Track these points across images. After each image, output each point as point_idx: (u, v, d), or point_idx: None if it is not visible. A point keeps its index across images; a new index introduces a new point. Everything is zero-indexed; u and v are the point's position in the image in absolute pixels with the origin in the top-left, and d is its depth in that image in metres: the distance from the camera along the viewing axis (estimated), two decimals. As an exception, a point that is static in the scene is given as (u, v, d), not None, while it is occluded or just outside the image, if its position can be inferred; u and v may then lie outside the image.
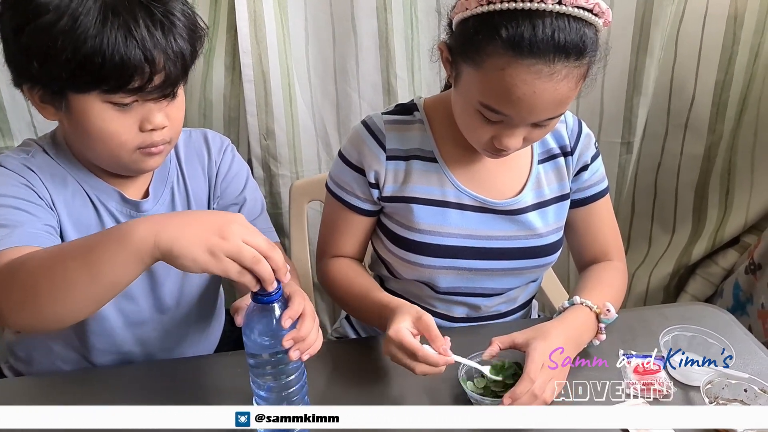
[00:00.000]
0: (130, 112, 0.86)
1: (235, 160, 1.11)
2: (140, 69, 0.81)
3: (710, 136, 1.73)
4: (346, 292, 1.07)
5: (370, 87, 1.63)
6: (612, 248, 1.13)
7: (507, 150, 0.93)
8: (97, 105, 0.84)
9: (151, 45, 0.81)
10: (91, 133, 0.87)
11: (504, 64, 0.84)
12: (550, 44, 0.81)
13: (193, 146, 1.08)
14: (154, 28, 0.81)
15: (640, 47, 1.59)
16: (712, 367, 0.93)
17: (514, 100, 0.85)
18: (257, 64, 1.50)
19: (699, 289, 1.89)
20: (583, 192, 1.10)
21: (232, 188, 1.09)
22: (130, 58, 0.80)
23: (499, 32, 0.83)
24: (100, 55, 0.78)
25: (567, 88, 0.85)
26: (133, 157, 0.90)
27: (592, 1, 0.82)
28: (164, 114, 0.89)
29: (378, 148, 1.04)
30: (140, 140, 0.89)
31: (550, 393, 0.87)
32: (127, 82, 0.82)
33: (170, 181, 1.04)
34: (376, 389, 0.95)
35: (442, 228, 1.03)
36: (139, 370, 1.05)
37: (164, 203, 1.03)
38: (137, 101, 0.86)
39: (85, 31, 0.78)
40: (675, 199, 1.87)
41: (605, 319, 0.97)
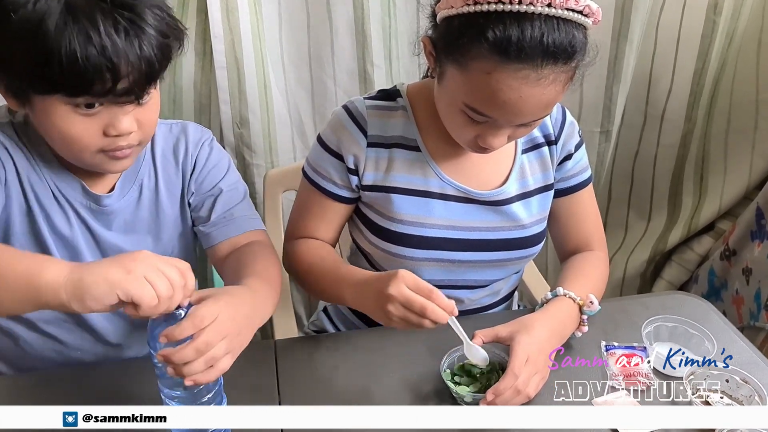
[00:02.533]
0: (95, 116, 0.83)
1: (213, 153, 1.06)
2: (101, 75, 0.78)
3: (687, 125, 1.74)
4: (316, 269, 1.01)
5: (346, 75, 1.59)
6: (594, 238, 1.12)
7: (491, 148, 0.92)
8: (60, 107, 0.82)
9: (112, 51, 0.77)
10: (52, 134, 0.85)
11: (490, 68, 0.81)
12: (538, 49, 0.79)
13: (172, 140, 1.04)
14: (116, 35, 0.78)
15: (621, 35, 1.58)
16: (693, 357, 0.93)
17: (499, 104, 0.83)
18: (230, 49, 1.45)
19: (675, 275, 1.91)
20: (566, 181, 1.09)
21: (207, 181, 1.05)
22: (90, 63, 0.77)
23: (485, 35, 0.80)
24: (59, 59, 0.76)
25: (554, 91, 0.83)
26: (96, 159, 0.87)
27: (582, 2, 0.80)
28: (132, 118, 0.86)
29: (359, 133, 1.01)
30: (104, 143, 0.86)
31: (533, 388, 0.86)
32: (88, 87, 0.79)
33: (140, 177, 1.00)
34: (353, 385, 0.94)
35: (424, 219, 1.01)
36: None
37: (130, 200, 0.99)
38: (102, 105, 0.83)
39: (46, 35, 0.75)
40: (651, 187, 1.88)
41: (588, 311, 0.97)
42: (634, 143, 1.82)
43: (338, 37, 1.54)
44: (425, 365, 0.95)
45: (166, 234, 1.03)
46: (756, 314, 1.59)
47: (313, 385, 0.95)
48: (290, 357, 1.00)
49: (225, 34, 1.44)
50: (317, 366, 0.98)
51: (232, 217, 1.04)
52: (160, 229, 1.03)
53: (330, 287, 0.99)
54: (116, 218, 0.99)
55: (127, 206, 0.99)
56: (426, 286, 0.81)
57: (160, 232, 1.03)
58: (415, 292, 0.81)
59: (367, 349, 1.01)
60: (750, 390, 0.86)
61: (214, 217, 1.03)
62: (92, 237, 0.98)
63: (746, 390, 0.87)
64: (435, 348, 0.95)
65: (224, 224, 1.03)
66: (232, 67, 1.47)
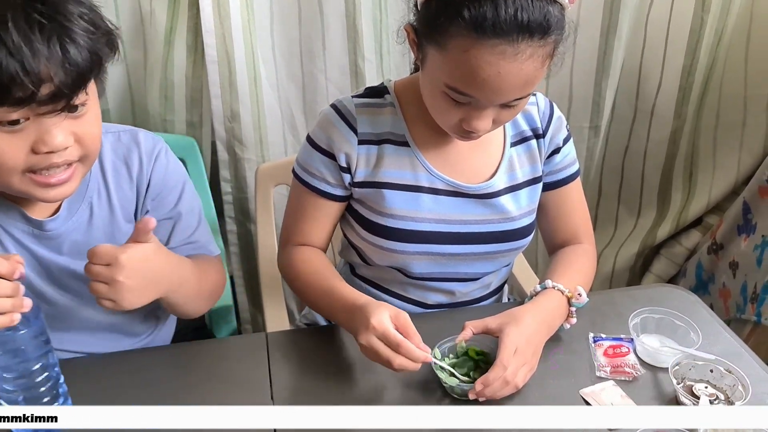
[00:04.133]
0: (22, 132, 0.76)
1: (170, 166, 1.01)
2: (18, 81, 0.71)
3: (676, 121, 1.76)
4: (310, 285, 1.04)
5: (337, 69, 1.59)
6: (582, 231, 1.13)
7: (476, 132, 0.92)
8: None
9: (29, 54, 0.71)
10: None
11: (467, 46, 0.82)
12: (513, 24, 0.80)
13: (122, 150, 0.97)
14: (31, 33, 0.71)
15: (609, 30, 1.59)
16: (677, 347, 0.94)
17: (479, 82, 0.84)
18: (221, 44, 1.45)
19: (663, 269, 1.93)
20: (555, 175, 1.10)
21: (165, 202, 1.00)
22: (3, 68, 0.70)
23: (461, 13, 0.81)
24: None
25: (532, 67, 0.84)
26: (24, 184, 0.80)
27: None
28: (67, 132, 0.78)
29: (349, 131, 1.01)
30: (34, 161, 0.78)
31: (521, 379, 0.87)
32: (5, 96, 0.72)
33: (89, 195, 0.95)
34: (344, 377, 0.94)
35: (414, 213, 1.02)
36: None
37: (80, 221, 0.94)
38: (28, 118, 0.75)
39: None
40: (641, 182, 1.90)
41: (576, 303, 0.98)
42: (624, 138, 1.83)
43: (329, 32, 1.55)
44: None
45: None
46: (742, 307, 1.61)
47: (305, 377, 0.96)
48: (282, 350, 1.01)
49: (216, 29, 1.44)
50: (309, 358, 0.99)
51: (191, 246, 1.02)
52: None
53: (324, 310, 1.04)
54: (65, 242, 0.93)
55: (76, 228, 0.94)
56: (394, 340, 0.84)
57: None
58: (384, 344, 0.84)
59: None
60: (734, 380, 0.88)
61: (172, 244, 1.01)
62: (38, 263, 0.93)
63: (730, 380, 0.88)
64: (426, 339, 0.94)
65: (181, 253, 1.00)
66: (223, 61, 1.47)
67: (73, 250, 0.94)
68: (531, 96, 1.06)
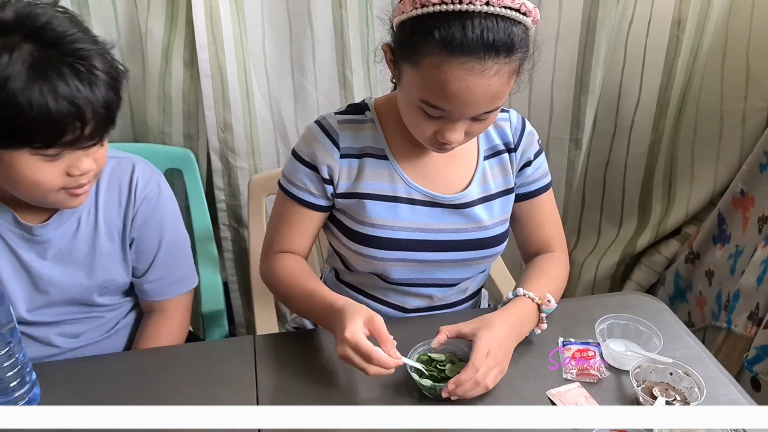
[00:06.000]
0: (59, 161, 0.89)
1: (160, 203, 1.10)
2: (71, 125, 0.84)
3: (654, 134, 1.82)
4: (292, 290, 1.08)
5: (327, 80, 1.66)
6: (554, 240, 1.18)
7: (450, 144, 0.97)
8: (25, 158, 0.86)
9: (80, 100, 0.83)
10: (18, 182, 0.89)
11: (438, 63, 0.88)
12: (479, 43, 0.86)
13: (118, 176, 1.07)
14: (80, 84, 0.83)
15: (587, 48, 1.66)
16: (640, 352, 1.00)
17: (450, 96, 0.90)
18: (213, 58, 1.51)
19: (644, 277, 1.99)
20: (527, 187, 1.15)
21: (150, 235, 1.10)
22: (61, 115, 0.83)
23: (432, 33, 0.87)
24: (30, 116, 0.81)
25: (499, 83, 0.90)
26: (57, 197, 0.93)
27: (519, 1, 0.87)
28: (92, 158, 0.92)
29: (332, 146, 1.07)
30: (66, 182, 0.91)
31: (491, 380, 0.92)
32: (59, 138, 0.85)
33: (80, 211, 1.04)
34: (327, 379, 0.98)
35: (393, 222, 1.07)
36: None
37: (67, 232, 1.04)
38: (66, 150, 0.88)
39: (14, 94, 0.80)
40: (622, 194, 1.95)
41: (546, 309, 1.03)
42: (605, 152, 1.89)
43: (319, 46, 1.61)
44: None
45: (99, 269, 1.07)
46: (717, 314, 1.66)
47: (290, 379, 0.99)
48: (269, 352, 1.05)
49: (209, 44, 1.49)
50: (294, 361, 1.03)
51: (166, 282, 1.14)
52: (94, 265, 1.06)
53: (305, 314, 1.12)
54: (50, 248, 1.02)
55: (61, 237, 1.03)
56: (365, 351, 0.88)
57: (93, 268, 1.06)
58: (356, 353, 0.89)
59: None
60: (691, 382, 0.93)
61: (151, 276, 1.13)
62: (20, 264, 1.02)
63: (687, 382, 0.93)
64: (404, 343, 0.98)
65: (157, 288, 1.14)
66: (216, 74, 1.53)
67: (56, 257, 1.03)
68: (504, 112, 1.12)
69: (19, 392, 0.87)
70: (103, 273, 1.07)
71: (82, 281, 1.06)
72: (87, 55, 0.85)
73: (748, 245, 1.57)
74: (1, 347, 0.83)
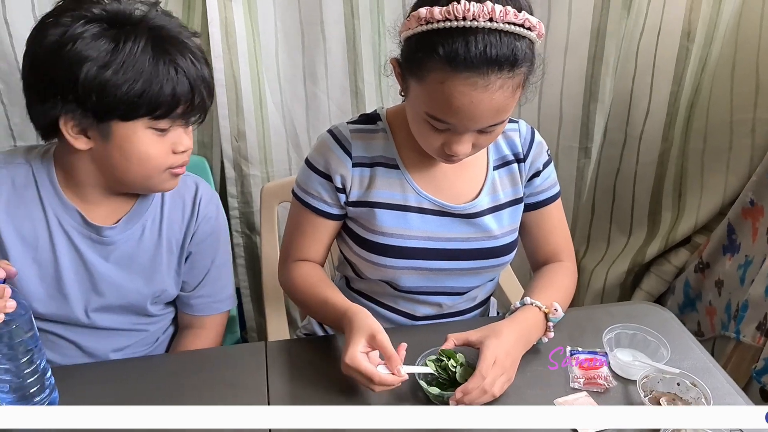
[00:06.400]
0: (166, 137, 0.98)
1: (217, 224, 1.17)
2: (185, 97, 0.95)
3: (663, 144, 1.82)
4: (308, 297, 1.11)
5: (339, 90, 1.68)
6: (563, 250, 1.19)
7: (457, 155, 0.99)
8: (140, 131, 0.95)
9: (193, 75, 0.95)
10: (131, 156, 0.97)
11: (443, 78, 0.90)
12: (482, 58, 0.87)
13: (181, 192, 1.12)
14: (194, 61, 0.95)
15: (596, 57, 1.67)
16: (647, 362, 1.00)
17: (454, 110, 0.91)
18: (228, 68, 1.53)
19: (653, 286, 1.98)
20: (535, 196, 1.16)
21: (206, 254, 1.16)
22: (180, 88, 0.94)
23: (436, 49, 0.89)
24: (155, 87, 0.92)
25: (503, 97, 0.91)
26: (162, 177, 1.01)
27: (522, 16, 0.88)
28: (191, 136, 1.02)
29: (344, 155, 1.09)
30: (171, 161, 1.00)
31: (498, 388, 0.93)
32: (174, 109, 0.95)
33: (146, 219, 1.09)
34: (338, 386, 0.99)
35: (403, 231, 1.09)
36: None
37: (132, 237, 1.08)
38: (172, 126, 0.98)
39: (142, 67, 0.91)
40: (632, 203, 1.96)
41: (553, 318, 1.04)
42: (616, 162, 1.90)
43: (331, 56, 1.63)
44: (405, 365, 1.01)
45: (157, 278, 1.11)
46: (726, 324, 1.66)
47: (301, 384, 1.01)
48: (280, 359, 1.06)
49: (224, 54, 1.52)
50: (306, 368, 1.04)
51: (213, 299, 1.19)
52: (153, 273, 1.10)
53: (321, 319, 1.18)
54: (115, 250, 1.06)
55: (127, 241, 1.07)
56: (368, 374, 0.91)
57: (151, 276, 1.10)
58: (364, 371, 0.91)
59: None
60: (698, 393, 0.94)
61: (200, 292, 1.18)
62: (83, 264, 1.05)
63: (694, 393, 0.94)
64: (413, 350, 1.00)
65: (204, 304, 1.19)
66: (230, 84, 1.55)
67: (118, 260, 1.07)
68: (513, 122, 1.13)
69: (38, 397, 0.89)
70: (160, 282, 1.11)
71: (140, 287, 1.09)
72: (188, 38, 0.97)
73: (757, 255, 1.57)
74: (22, 355, 0.86)
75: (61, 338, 1.09)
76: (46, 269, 1.03)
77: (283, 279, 1.19)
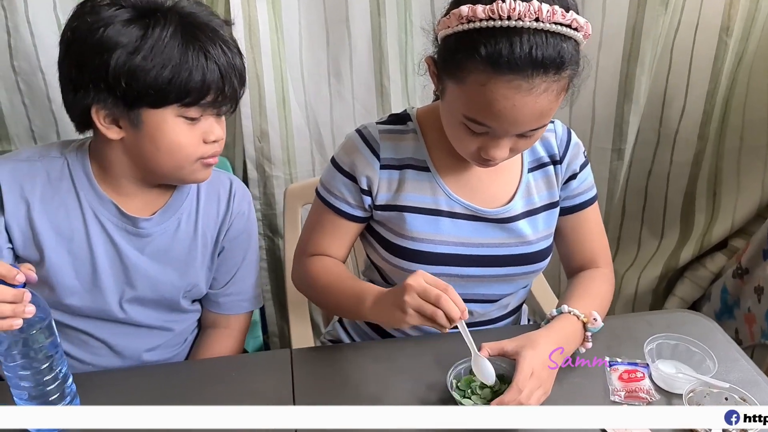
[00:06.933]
0: (197, 126, 0.96)
1: (249, 221, 1.16)
2: (216, 85, 0.93)
3: (699, 143, 1.76)
4: (332, 289, 1.06)
5: (364, 89, 1.64)
6: (600, 255, 1.15)
7: (494, 160, 0.95)
8: (170, 119, 0.94)
9: (224, 63, 0.93)
10: (161, 145, 0.95)
11: (484, 80, 0.86)
12: (527, 60, 0.83)
13: (217, 186, 1.12)
14: (225, 49, 0.93)
15: (631, 56, 1.61)
16: (693, 374, 0.95)
17: (495, 114, 0.87)
18: (251, 66, 1.51)
19: (687, 292, 1.92)
20: (571, 200, 1.12)
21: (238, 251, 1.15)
22: (210, 74, 0.92)
23: (478, 50, 0.85)
24: (185, 73, 0.90)
25: (547, 101, 0.87)
26: (193, 167, 0.99)
27: (570, 16, 0.84)
28: (223, 126, 1.00)
29: (372, 156, 1.05)
30: (202, 151, 0.98)
31: (535, 401, 0.89)
32: (204, 97, 0.93)
33: (181, 212, 1.07)
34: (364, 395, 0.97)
35: (434, 236, 1.05)
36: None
37: (168, 230, 1.06)
38: (203, 115, 0.96)
39: (171, 53, 0.89)
40: (664, 204, 1.90)
41: (592, 328, 1.00)
42: (648, 161, 1.84)
43: (356, 54, 1.59)
44: (433, 376, 0.98)
45: (191, 272, 1.09)
46: (767, 332, 1.59)
47: (327, 393, 0.98)
48: (306, 366, 1.04)
49: (247, 52, 1.49)
50: (331, 376, 1.01)
51: (241, 297, 1.18)
52: (187, 267, 1.09)
53: (348, 303, 1.03)
54: (151, 243, 1.05)
55: (162, 233, 1.06)
56: (442, 282, 0.88)
57: (186, 270, 1.09)
58: (432, 286, 0.87)
59: (380, 360, 1.04)
60: (748, 409, 0.89)
61: (230, 290, 1.17)
62: (118, 255, 1.03)
63: (745, 408, 0.89)
64: (443, 360, 0.98)
65: (232, 302, 1.18)
66: (254, 83, 1.53)
67: (154, 253, 1.06)
68: (549, 123, 1.08)
69: (59, 405, 0.87)
70: (193, 276, 1.10)
71: (174, 281, 1.08)
72: (220, 26, 0.95)
73: (800, 260, 1.50)
74: (43, 361, 0.84)
75: (93, 337, 1.08)
76: (82, 261, 1.02)
77: (299, 274, 1.15)
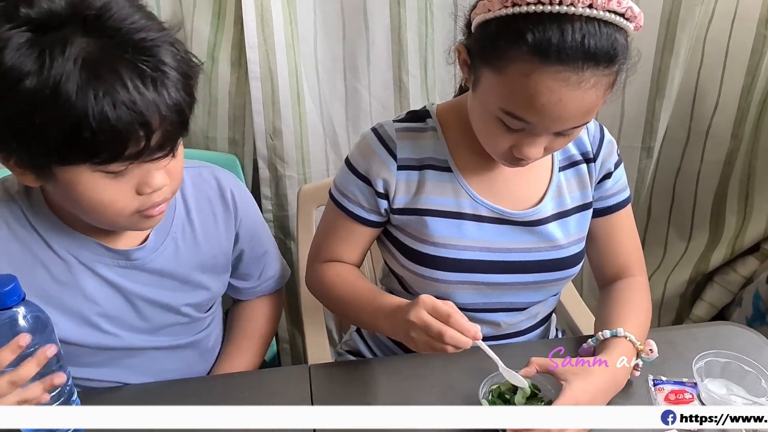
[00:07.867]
0: (126, 177, 0.77)
1: (254, 210, 1.09)
2: (135, 135, 0.71)
3: (733, 141, 1.68)
4: (348, 297, 1.00)
5: (381, 84, 1.57)
6: (634, 263, 1.07)
7: (527, 159, 0.88)
8: (86, 175, 0.74)
9: (143, 106, 0.70)
10: (82, 203, 0.78)
11: (529, 70, 0.78)
12: (579, 51, 0.76)
13: (204, 187, 1.01)
14: (144, 86, 0.70)
15: (665, 48, 1.52)
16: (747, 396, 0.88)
17: (538, 108, 0.80)
18: (264, 60, 1.44)
19: (717, 297, 1.84)
20: (605, 201, 1.05)
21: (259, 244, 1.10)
22: (122, 125, 0.69)
23: (524, 37, 0.77)
24: (87, 127, 0.68)
25: (595, 96, 0.80)
26: (132, 220, 0.82)
27: (625, 4, 0.77)
28: (164, 172, 0.80)
29: (388, 157, 0.98)
30: (139, 203, 0.80)
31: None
32: (122, 152, 0.72)
33: (174, 231, 0.96)
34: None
35: (457, 241, 0.98)
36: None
37: (166, 253, 0.95)
38: (129, 167, 0.76)
39: (68, 101, 0.67)
40: (693, 205, 1.81)
41: (646, 359, 0.93)
42: (677, 159, 1.76)
43: (374, 47, 1.52)
44: (463, 391, 0.92)
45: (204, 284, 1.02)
46: (805, 341, 1.51)
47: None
48: (325, 383, 0.98)
49: (259, 45, 1.42)
50: (353, 393, 0.96)
51: (262, 282, 1.14)
52: (200, 281, 1.01)
53: (363, 318, 0.99)
54: (150, 272, 0.95)
55: (161, 257, 0.95)
56: (444, 311, 0.80)
57: (199, 283, 1.01)
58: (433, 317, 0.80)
59: (404, 376, 0.98)
60: (810, 436, 0.81)
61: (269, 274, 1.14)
62: (122, 296, 0.94)
63: (805, 435, 0.81)
64: (473, 374, 0.91)
65: (273, 284, 1.15)
66: (266, 77, 1.46)
67: (158, 281, 0.95)
68: None
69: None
70: (207, 288, 1.02)
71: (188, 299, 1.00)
72: (152, 48, 0.71)
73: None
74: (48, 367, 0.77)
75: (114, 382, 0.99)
76: (83, 317, 0.91)
77: (312, 280, 1.09)
